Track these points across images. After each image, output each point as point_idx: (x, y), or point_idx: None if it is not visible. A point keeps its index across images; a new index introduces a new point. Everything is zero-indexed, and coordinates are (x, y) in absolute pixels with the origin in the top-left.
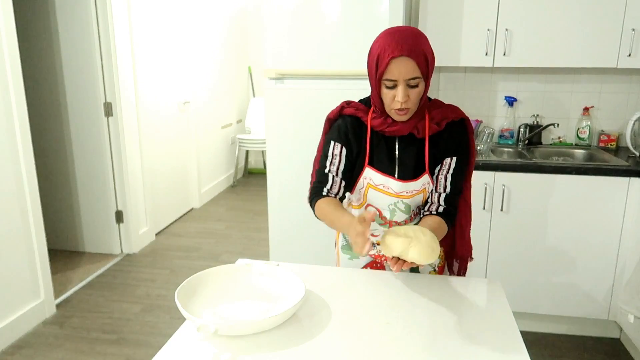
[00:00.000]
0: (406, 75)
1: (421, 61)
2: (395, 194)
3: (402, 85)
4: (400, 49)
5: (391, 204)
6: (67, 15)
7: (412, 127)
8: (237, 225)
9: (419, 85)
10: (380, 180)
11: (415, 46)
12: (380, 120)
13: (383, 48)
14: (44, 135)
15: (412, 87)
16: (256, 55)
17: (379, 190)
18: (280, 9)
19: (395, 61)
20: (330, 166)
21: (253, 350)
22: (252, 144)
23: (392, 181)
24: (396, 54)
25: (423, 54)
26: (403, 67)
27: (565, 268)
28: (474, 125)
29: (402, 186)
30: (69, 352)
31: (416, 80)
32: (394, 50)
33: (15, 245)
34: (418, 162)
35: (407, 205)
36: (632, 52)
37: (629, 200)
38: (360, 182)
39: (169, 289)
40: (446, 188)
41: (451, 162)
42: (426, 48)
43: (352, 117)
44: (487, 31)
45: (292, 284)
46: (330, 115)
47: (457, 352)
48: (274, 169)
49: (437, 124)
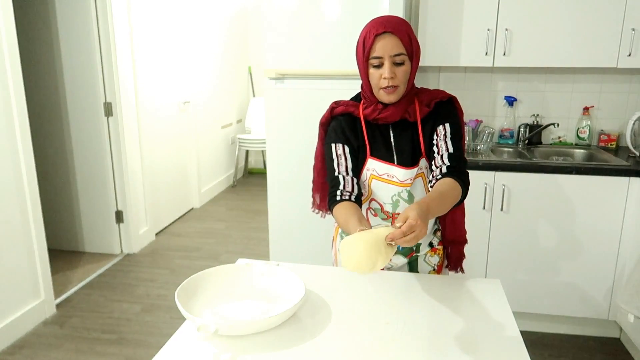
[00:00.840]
0: (391, 51)
1: (405, 38)
2: (400, 183)
3: (387, 61)
4: (384, 26)
5: (394, 195)
6: (67, 15)
7: (403, 112)
8: (237, 225)
9: (404, 63)
10: (384, 169)
11: (398, 25)
12: (371, 108)
13: (368, 29)
14: (44, 135)
15: (397, 64)
16: (256, 55)
17: (384, 180)
18: (280, 9)
19: (379, 38)
20: (339, 167)
21: (253, 350)
22: (252, 143)
23: (396, 169)
24: (380, 31)
25: (406, 32)
26: (387, 44)
27: (565, 268)
28: (474, 125)
29: (406, 173)
30: (69, 352)
31: (401, 57)
32: (377, 28)
33: (15, 245)
34: (414, 147)
35: (411, 195)
36: (632, 52)
37: (629, 200)
38: (364, 174)
39: (169, 289)
40: (448, 149)
41: (445, 127)
42: (410, 31)
43: (344, 115)
44: (487, 31)
45: (292, 284)
46: (322, 120)
47: (457, 352)
48: (274, 169)
49: (427, 105)
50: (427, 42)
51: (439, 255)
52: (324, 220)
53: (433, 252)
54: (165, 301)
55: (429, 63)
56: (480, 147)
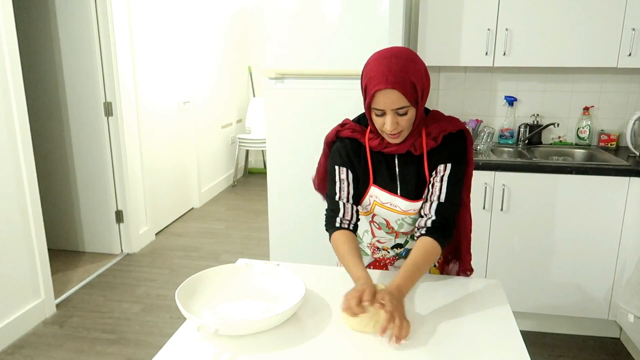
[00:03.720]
0: (392, 105)
1: (407, 91)
2: (403, 212)
3: (390, 114)
4: (385, 81)
5: (399, 219)
6: (67, 15)
7: (409, 146)
8: (237, 225)
9: (408, 113)
10: (387, 198)
11: (400, 77)
12: (377, 141)
13: (369, 78)
14: (44, 135)
15: (401, 114)
16: (256, 55)
17: (386, 208)
18: (280, 9)
19: (380, 93)
20: (341, 192)
21: (253, 350)
22: (252, 143)
23: (398, 199)
24: (381, 87)
25: (410, 82)
26: (389, 99)
27: (565, 268)
28: (474, 125)
29: (408, 205)
30: (69, 352)
31: (404, 109)
32: (379, 82)
33: (15, 245)
34: (419, 179)
35: (414, 219)
36: (632, 51)
37: (629, 200)
38: (367, 199)
39: (169, 289)
40: (440, 196)
41: (445, 168)
42: (414, 75)
43: (349, 139)
44: (487, 31)
45: (292, 284)
46: (327, 138)
47: (457, 352)
48: (274, 169)
49: (434, 139)
50: (427, 42)
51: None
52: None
53: None
54: (165, 301)
55: (429, 63)
56: (480, 147)
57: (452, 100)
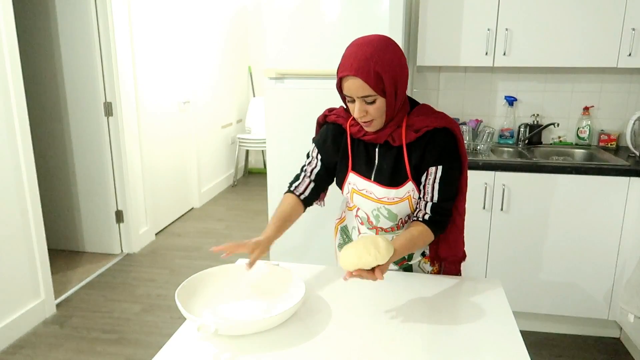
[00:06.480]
0: (357, 93)
1: (371, 80)
2: (377, 200)
3: (357, 101)
4: (348, 68)
5: (374, 209)
6: (67, 15)
7: (387, 136)
8: (237, 225)
9: (376, 102)
10: (363, 185)
11: (364, 66)
12: (357, 127)
13: (340, 64)
14: (44, 135)
15: (369, 102)
16: (256, 55)
17: (363, 195)
18: (280, 9)
19: (345, 80)
20: (308, 166)
21: (253, 350)
22: (252, 143)
23: (374, 186)
24: (344, 74)
25: (374, 72)
26: (353, 85)
27: (565, 268)
28: (474, 125)
29: (384, 192)
30: (69, 352)
31: (371, 97)
32: (344, 69)
33: (15, 245)
34: (398, 169)
35: (392, 213)
36: (632, 51)
37: (629, 200)
38: (346, 187)
39: (169, 289)
40: (433, 197)
41: (436, 171)
42: (381, 65)
43: (334, 124)
44: (487, 31)
45: (292, 284)
46: (319, 118)
47: (457, 352)
48: (274, 169)
49: (416, 131)
50: (427, 42)
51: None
52: (324, 220)
53: (427, 259)
54: (165, 301)
55: (429, 63)
56: (480, 147)
57: (452, 100)
